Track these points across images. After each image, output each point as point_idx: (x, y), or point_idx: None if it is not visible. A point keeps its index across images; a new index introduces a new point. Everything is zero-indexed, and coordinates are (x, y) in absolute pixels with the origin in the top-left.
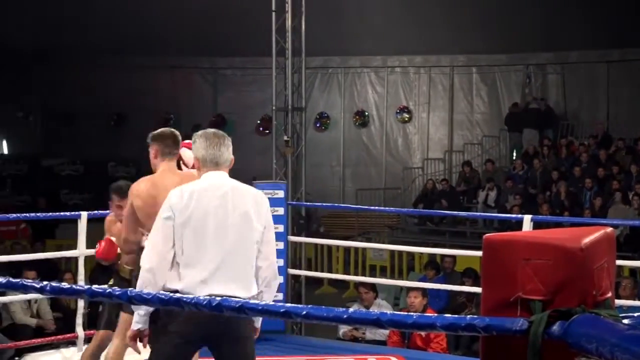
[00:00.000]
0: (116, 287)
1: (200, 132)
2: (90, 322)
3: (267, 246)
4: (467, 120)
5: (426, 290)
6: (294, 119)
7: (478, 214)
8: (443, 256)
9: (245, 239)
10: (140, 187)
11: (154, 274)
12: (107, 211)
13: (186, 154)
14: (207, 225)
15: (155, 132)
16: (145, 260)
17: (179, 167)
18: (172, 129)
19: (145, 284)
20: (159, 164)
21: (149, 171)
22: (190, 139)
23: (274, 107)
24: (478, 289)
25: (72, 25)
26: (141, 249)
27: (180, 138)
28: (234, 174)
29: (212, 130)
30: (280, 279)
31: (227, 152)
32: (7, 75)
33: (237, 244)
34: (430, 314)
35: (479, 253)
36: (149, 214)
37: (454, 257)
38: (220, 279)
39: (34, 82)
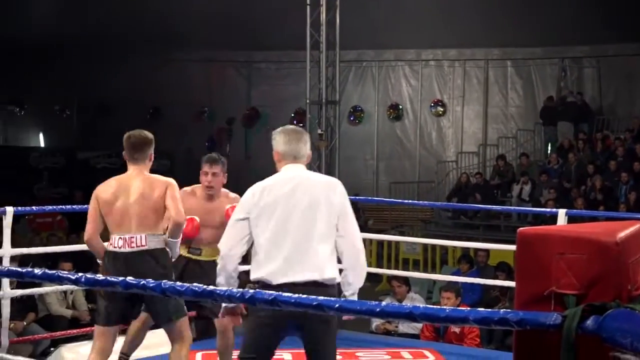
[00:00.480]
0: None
1: (280, 129)
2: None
3: (345, 232)
4: (502, 113)
5: (460, 290)
6: (327, 112)
7: (512, 207)
8: (476, 250)
9: (317, 227)
10: (100, 187)
11: (225, 262)
12: None
13: None
14: (279, 217)
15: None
16: (221, 248)
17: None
18: (139, 132)
19: (219, 269)
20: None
21: (184, 164)
22: (224, 131)
23: (307, 101)
24: (512, 283)
25: (109, 17)
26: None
27: (144, 141)
28: (267, 167)
29: (291, 126)
30: (363, 264)
31: (305, 147)
32: (43, 68)
33: (309, 232)
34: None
35: (513, 247)
36: (106, 213)
37: (487, 251)
38: (296, 267)
39: (70, 76)
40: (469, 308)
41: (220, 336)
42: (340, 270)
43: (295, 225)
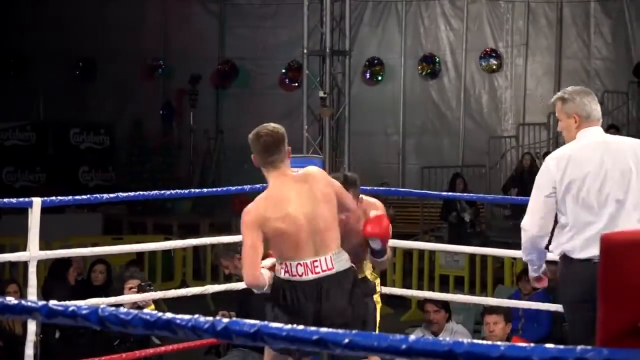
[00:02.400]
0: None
1: (573, 89)
2: (46, 354)
3: None
4: (582, 68)
5: (510, 313)
6: (333, 67)
7: None
8: (546, 263)
9: (633, 196)
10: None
11: (533, 242)
12: (68, 197)
13: None
14: (587, 187)
15: None
16: (528, 226)
17: None
18: (269, 129)
19: (526, 248)
20: None
21: (129, 141)
22: (186, 95)
23: (305, 51)
24: None
25: None
26: None
27: (279, 138)
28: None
29: (580, 87)
30: None
31: (599, 107)
32: None
33: (622, 204)
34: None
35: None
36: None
37: (557, 264)
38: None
39: None
40: (532, 344)
41: None
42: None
43: (605, 197)
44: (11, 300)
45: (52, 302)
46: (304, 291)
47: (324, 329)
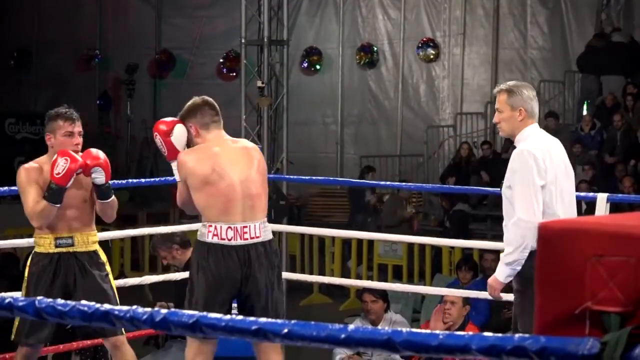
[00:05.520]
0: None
1: (518, 82)
2: None
3: None
4: (519, 58)
5: (468, 298)
6: (271, 56)
7: None
8: (482, 252)
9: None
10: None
11: (534, 233)
12: (4, 188)
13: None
14: (557, 181)
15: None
16: (529, 215)
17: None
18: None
19: (523, 245)
20: None
21: None
22: (122, 85)
23: (243, 40)
24: None
25: None
26: None
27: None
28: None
29: (522, 82)
30: None
31: None
32: None
33: (568, 196)
34: (471, 331)
35: None
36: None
37: (497, 253)
38: None
39: None
40: (472, 333)
41: (118, 353)
42: None
43: (563, 190)
44: None
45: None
46: (232, 257)
47: (263, 319)
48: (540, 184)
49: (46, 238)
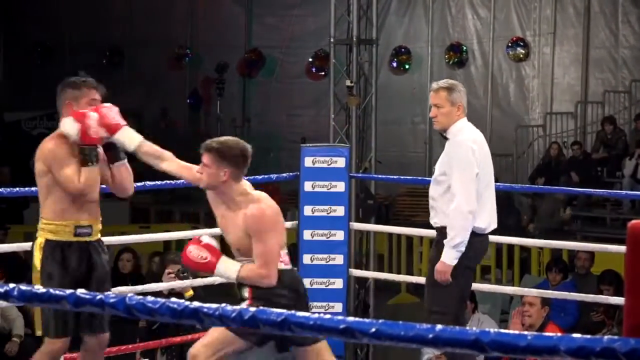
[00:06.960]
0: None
1: (451, 80)
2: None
3: None
4: (610, 57)
5: (549, 299)
6: (360, 55)
7: (623, 192)
8: (573, 253)
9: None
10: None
11: (472, 220)
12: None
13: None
14: (486, 170)
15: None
16: (467, 204)
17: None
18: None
19: (464, 228)
20: None
21: (155, 128)
22: (213, 84)
23: (332, 39)
24: (622, 300)
25: None
26: None
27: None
28: (275, 134)
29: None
30: None
31: None
32: None
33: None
34: (552, 332)
35: (624, 248)
36: None
37: (590, 254)
38: (494, 217)
39: None
40: (560, 334)
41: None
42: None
43: (490, 178)
44: (39, 288)
45: (80, 291)
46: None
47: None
48: (476, 172)
49: (65, 225)
